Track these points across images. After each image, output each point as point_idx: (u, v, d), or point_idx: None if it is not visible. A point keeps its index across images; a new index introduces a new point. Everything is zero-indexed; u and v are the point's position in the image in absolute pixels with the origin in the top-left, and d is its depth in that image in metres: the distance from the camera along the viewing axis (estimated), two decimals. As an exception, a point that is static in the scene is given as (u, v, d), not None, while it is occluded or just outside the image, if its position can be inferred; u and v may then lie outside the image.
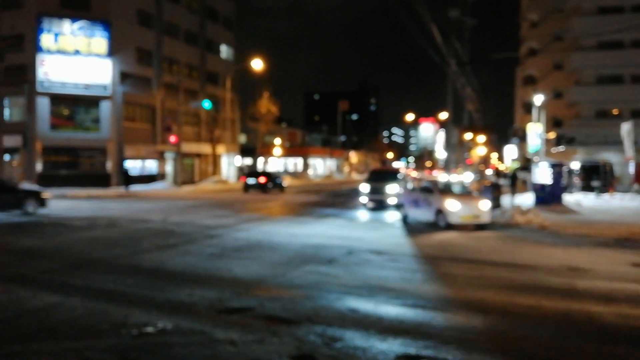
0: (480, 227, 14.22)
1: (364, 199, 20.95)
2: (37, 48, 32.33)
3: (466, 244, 11.76)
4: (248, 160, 58.19)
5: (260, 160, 54.35)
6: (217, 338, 5.03)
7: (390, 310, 6.18)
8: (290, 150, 64.59)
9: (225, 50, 47.89)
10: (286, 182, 34.88)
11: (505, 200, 20.26)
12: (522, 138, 46.00)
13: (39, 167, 32.67)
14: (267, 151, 53.50)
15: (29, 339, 4.97)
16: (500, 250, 11.03)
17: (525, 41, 50.56)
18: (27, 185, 30.26)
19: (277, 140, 55.58)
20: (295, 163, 68.67)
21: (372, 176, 22.84)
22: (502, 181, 33.12)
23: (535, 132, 33.67)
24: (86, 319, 5.60)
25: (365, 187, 21.08)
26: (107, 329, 5.26)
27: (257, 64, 37.89)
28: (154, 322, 5.47)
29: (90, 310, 5.91)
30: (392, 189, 20.29)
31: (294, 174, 62.76)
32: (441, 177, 37.18)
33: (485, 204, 14.59)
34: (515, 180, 23.46)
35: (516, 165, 49.20)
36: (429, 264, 9.20)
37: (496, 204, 18.31)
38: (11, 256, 9.26)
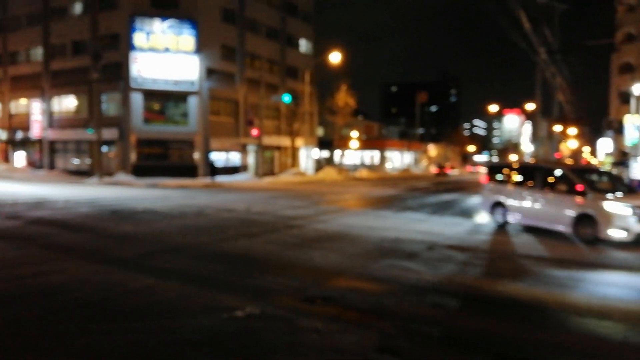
0: None
1: (619, 233, 10.34)
2: (130, 46, 34.49)
3: (540, 242, 11.18)
4: (325, 153, 58.68)
5: (337, 153, 54.59)
6: (301, 326, 5.14)
7: (475, 306, 6.02)
8: (367, 143, 64.26)
9: (304, 45, 48.47)
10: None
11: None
12: (617, 130, 42.75)
13: (133, 158, 34.95)
14: (344, 144, 53.61)
15: (128, 316, 5.35)
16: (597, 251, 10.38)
17: (621, 26, 46.84)
18: (122, 176, 32.55)
19: (354, 133, 55.53)
20: (372, 156, 68.29)
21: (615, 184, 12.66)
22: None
23: (634, 123, 31.26)
24: (179, 300, 5.94)
25: (622, 209, 10.37)
26: (198, 311, 5.54)
27: (335, 57, 38.03)
28: (243, 306, 5.69)
29: (183, 293, 6.26)
30: None
31: (371, 167, 62.49)
32: None
33: None
34: None
35: (610, 159, 45.85)
36: (509, 261, 8.84)
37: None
38: (111, 240, 9.99)
